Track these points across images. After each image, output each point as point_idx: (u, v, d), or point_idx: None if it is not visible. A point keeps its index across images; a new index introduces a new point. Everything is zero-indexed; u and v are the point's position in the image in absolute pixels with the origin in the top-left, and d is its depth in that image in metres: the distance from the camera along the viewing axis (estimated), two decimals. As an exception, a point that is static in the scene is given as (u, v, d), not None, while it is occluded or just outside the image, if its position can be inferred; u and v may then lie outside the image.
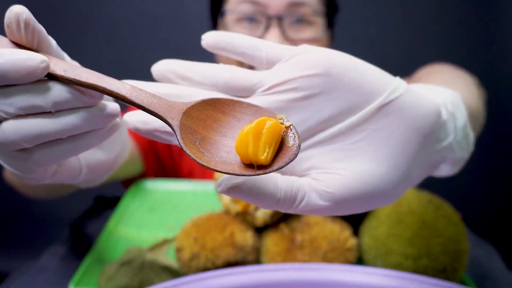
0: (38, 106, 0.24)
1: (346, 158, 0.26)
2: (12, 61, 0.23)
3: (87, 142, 0.26)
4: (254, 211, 0.43)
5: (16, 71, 0.23)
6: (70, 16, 1.28)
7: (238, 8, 0.65)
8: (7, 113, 0.24)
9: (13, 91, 0.24)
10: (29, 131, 0.24)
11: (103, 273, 0.42)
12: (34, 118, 0.24)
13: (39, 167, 0.26)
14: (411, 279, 0.32)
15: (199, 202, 0.64)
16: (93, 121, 0.25)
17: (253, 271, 0.34)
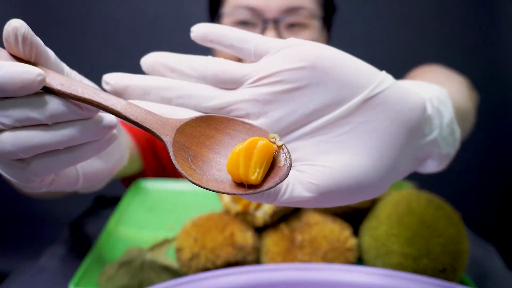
0: (35, 119, 0.24)
1: (331, 151, 0.26)
2: (9, 73, 0.23)
3: (84, 153, 0.26)
4: (254, 211, 0.43)
5: (13, 84, 0.23)
6: (70, 16, 1.28)
7: (235, 13, 0.65)
8: (4, 124, 0.24)
9: (10, 103, 0.24)
10: (26, 143, 0.24)
11: (103, 273, 0.42)
12: (31, 130, 0.24)
13: (36, 177, 0.27)
14: (411, 279, 0.32)
15: (199, 202, 0.64)
16: (89, 133, 0.25)
17: (253, 271, 0.34)
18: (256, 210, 0.43)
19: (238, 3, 0.65)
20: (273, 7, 0.63)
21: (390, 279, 0.33)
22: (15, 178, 0.27)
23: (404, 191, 0.43)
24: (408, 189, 0.44)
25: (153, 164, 0.77)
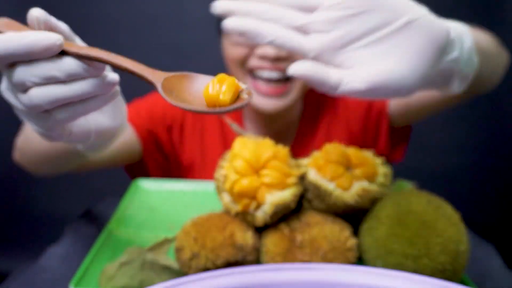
0: (56, 77, 0.31)
1: (380, 59, 0.37)
2: (34, 40, 0.30)
3: (94, 104, 0.34)
4: (254, 211, 0.43)
5: (38, 47, 0.30)
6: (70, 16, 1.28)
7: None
8: (32, 82, 0.32)
9: (36, 64, 0.31)
10: (50, 96, 0.32)
11: (103, 273, 0.42)
12: (53, 86, 0.32)
13: (58, 125, 0.35)
14: (411, 279, 0.32)
15: (199, 202, 0.64)
16: (98, 88, 0.32)
17: (253, 271, 0.34)
18: (256, 210, 0.43)
19: None
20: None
21: (390, 279, 0.33)
22: (42, 127, 0.35)
23: (404, 191, 0.43)
24: (408, 189, 0.44)
25: (154, 156, 0.79)
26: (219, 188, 0.46)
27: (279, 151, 0.44)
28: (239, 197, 0.43)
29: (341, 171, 0.43)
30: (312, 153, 0.47)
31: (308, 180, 0.44)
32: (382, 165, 0.46)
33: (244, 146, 0.45)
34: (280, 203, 0.42)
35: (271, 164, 0.43)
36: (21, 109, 0.36)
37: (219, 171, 0.46)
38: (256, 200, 0.42)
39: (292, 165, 0.45)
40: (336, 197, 0.42)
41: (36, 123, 0.36)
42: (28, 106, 0.33)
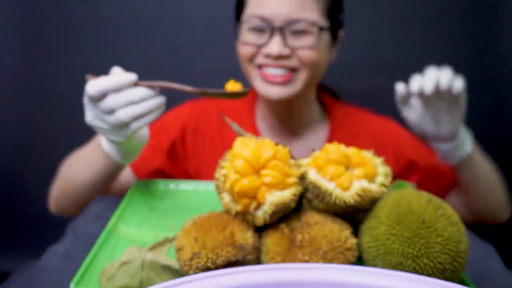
0: (133, 100, 0.54)
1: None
2: (122, 78, 0.53)
3: (155, 115, 0.56)
4: (254, 211, 0.43)
5: (125, 82, 0.53)
6: (70, 16, 1.28)
7: (250, 20, 0.78)
8: (119, 106, 0.53)
9: (122, 93, 0.53)
10: (130, 114, 0.54)
11: (103, 272, 0.42)
12: (132, 106, 0.54)
13: (132, 132, 0.56)
14: (411, 279, 0.33)
15: (199, 202, 0.64)
16: (157, 104, 0.55)
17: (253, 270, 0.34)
18: (256, 210, 0.43)
19: (252, 12, 0.78)
20: (279, 18, 0.75)
21: (389, 278, 0.33)
22: (121, 137, 0.57)
23: (404, 191, 0.44)
24: (408, 189, 0.44)
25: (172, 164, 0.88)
26: (219, 188, 0.46)
27: (279, 151, 0.44)
28: (239, 197, 0.43)
29: (341, 171, 0.43)
30: (312, 153, 0.47)
31: (308, 180, 0.44)
32: (382, 165, 0.46)
33: (244, 146, 0.45)
34: (280, 203, 0.42)
35: (271, 164, 0.43)
36: (106, 128, 0.56)
37: (219, 171, 0.46)
38: (256, 200, 0.42)
39: (292, 165, 0.45)
40: (336, 197, 0.42)
41: (117, 135, 0.57)
42: (115, 124, 0.54)
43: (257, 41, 0.78)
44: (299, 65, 0.79)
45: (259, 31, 0.78)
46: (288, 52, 0.77)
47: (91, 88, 0.54)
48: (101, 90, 0.53)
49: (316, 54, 0.79)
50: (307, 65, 0.79)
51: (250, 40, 0.79)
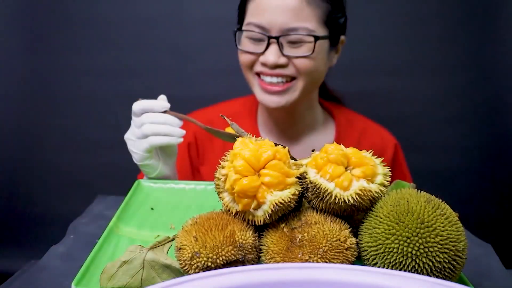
0: (159, 121, 0.66)
1: None
2: (159, 103, 0.67)
3: (171, 140, 0.66)
4: (254, 211, 0.43)
5: (157, 106, 0.66)
6: (70, 16, 1.28)
7: (248, 29, 0.80)
8: (147, 121, 0.66)
9: (154, 114, 0.66)
10: (151, 129, 0.65)
11: (104, 272, 0.42)
12: (156, 125, 0.66)
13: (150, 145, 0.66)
14: (410, 278, 0.33)
15: (199, 202, 0.64)
16: (176, 132, 0.66)
17: (253, 270, 0.34)
18: (256, 210, 0.43)
19: (251, 21, 0.79)
20: (276, 27, 0.76)
21: (389, 278, 0.33)
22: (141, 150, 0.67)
23: (403, 191, 0.44)
24: (407, 189, 0.44)
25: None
26: (219, 187, 0.46)
27: (279, 151, 0.45)
28: (239, 197, 0.43)
29: (340, 171, 0.43)
30: (312, 153, 0.48)
31: (308, 179, 0.44)
32: (381, 165, 0.46)
33: (244, 146, 0.45)
34: (280, 203, 0.42)
35: (271, 164, 0.43)
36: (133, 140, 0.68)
37: (219, 171, 0.46)
38: (256, 200, 0.43)
39: (291, 165, 0.45)
40: (336, 197, 0.42)
41: (138, 147, 0.68)
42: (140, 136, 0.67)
43: (255, 50, 0.80)
44: (296, 73, 0.80)
45: (257, 40, 0.79)
46: (285, 61, 0.78)
47: (135, 106, 0.68)
48: (141, 109, 0.67)
49: (312, 63, 0.79)
50: (303, 74, 0.80)
51: (249, 48, 0.81)
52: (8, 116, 1.35)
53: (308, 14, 0.77)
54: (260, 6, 0.78)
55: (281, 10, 0.76)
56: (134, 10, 1.28)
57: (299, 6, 0.76)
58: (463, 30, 1.27)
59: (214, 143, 0.92)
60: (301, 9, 0.76)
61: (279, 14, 0.76)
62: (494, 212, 1.36)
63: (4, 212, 1.39)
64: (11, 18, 1.28)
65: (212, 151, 0.92)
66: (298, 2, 0.76)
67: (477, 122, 1.32)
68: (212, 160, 0.92)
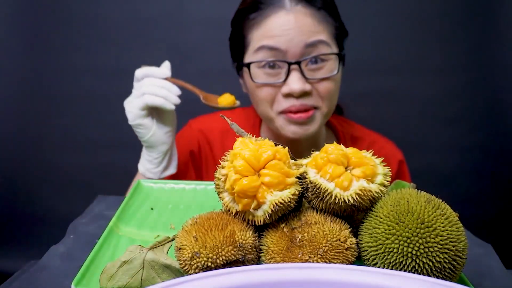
0: (158, 85, 0.71)
1: None
2: (163, 71, 0.73)
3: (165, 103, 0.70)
4: (254, 211, 0.43)
5: (161, 73, 0.73)
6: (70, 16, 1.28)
7: (258, 56, 0.75)
8: (146, 83, 0.71)
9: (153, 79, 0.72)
10: (148, 89, 0.70)
11: (104, 272, 0.42)
12: (153, 86, 0.71)
13: (144, 104, 0.70)
14: (410, 278, 0.33)
15: (199, 201, 0.64)
16: (171, 97, 0.71)
17: (253, 270, 0.34)
18: (256, 210, 0.43)
19: (266, 44, 0.74)
20: (292, 49, 0.73)
21: (389, 278, 0.33)
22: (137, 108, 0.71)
23: (403, 191, 0.44)
24: (407, 189, 0.44)
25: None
26: (219, 187, 0.46)
27: (279, 151, 0.45)
28: (239, 197, 0.43)
29: (340, 171, 0.43)
30: (312, 153, 0.48)
31: (308, 179, 0.44)
32: (381, 165, 0.46)
33: (244, 146, 0.45)
34: (280, 203, 0.42)
35: (271, 164, 0.43)
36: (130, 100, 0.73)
37: (219, 171, 0.46)
38: (256, 200, 0.43)
39: (291, 165, 0.45)
40: (336, 197, 0.42)
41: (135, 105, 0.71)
42: (137, 94, 0.70)
43: (274, 81, 0.75)
44: (318, 102, 0.76)
45: (271, 68, 0.75)
46: (310, 88, 0.74)
47: (137, 71, 0.71)
48: (143, 73, 0.71)
49: (333, 86, 0.76)
50: (326, 100, 0.76)
51: (263, 79, 0.75)
52: (8, 116, 1.35)
53: (322, 29, 0.75)
54: (271, 30, 0.74)
55: (295, 33, 0.73)
56: (134, 10, 1.28)
57: (312, 23, 0.74)
58: (463, 30, 1.27)
59: (214, 149, 0.91)
60: (315, 25, 0.74)
61: (295, 33, 0.73)
62: (494, 212, 1.36)
63: (4, 212, 1.39)
64: (11, 18, 1.28)
65: (212, 157, 0.91)
66: (310, 20, 0.74)
67: (477, 122, 1.32)
68: (213, 168, 0.91)
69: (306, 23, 0.74)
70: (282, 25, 0.73)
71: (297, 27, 0.73)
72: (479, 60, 1.29)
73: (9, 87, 1.33)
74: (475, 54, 1.29)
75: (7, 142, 1.35)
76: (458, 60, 1.29)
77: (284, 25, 0.73)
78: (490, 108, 1.32)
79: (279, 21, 0.74)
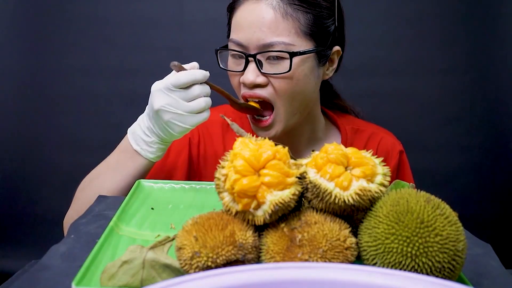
0: (209, 93, 0.70)
1: None
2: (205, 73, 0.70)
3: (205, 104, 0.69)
4: (254, 210, 0.43)
5: (203, 76, 0.69)
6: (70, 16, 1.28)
7: (229, 47, 0.79)
8: (203, 94, 0.69)
9: (204, 85, 0.70)
10: (207, 102, 0.70)
11: (104, 271, 0.43)
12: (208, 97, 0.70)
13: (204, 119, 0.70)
14: (409, 278, 0.33)
15: (199, 201, 0.64)
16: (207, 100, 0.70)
17: (253, 269, 0.34)
18: (256, 209, 0.43)
19: (232, 38, 0.78)
20: (253, 44, 0.75)
21: (388, 277, 0.33)
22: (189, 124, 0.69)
23: (403, 191, 0.44)
24: (407, 189, 0.45)
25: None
26: (219, 187, 0.46)
27: (279, 151, 0.45)
28: (239, 197, 0.43)
29: (340, 171, 0.43)
30: (312, 153, 0.48)
31: (308, 179, 0.44)
32: (381, 165, 0.46)
33: (244, 146, 0.45)
34: (280, 203, 0.42)
35: (271, 163, 0.43)
36: (180, 113, 0.67)
37: (219, 171, 0.46)
38: (256, 200, 0.43)
39: (291, 165, 0.45)
40: (336, 197, 0.42)
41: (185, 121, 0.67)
42: (195, 109, 0.67)
43: (237, 69, 0.78)
44: (273, 96, 0.76)
45: (237, 58, 0.78)
46: (263, 80, 0.75)
47: (183, 77, 0.65)
48: (191, 80, 0.66)
49: (291, 84, 0.75)
50: (283, 97, 0.76)
51: (231, 67, 0.80)
52: (8, 116, 1.35)
53: (284, 27, 0.73)
54: (238, 23, 0.77)
55: (256, 26, 0.73)
56: (134, 11, 1.28)
57: (274, 20, 0.73)
58: (463, 30, 1.27)
59: (215, 143, 0.91)
60: (277, 23, 0.73)
61: (255, 30, 0.73)
62: (493, 212, 1.36)
63: (4, 212, 1.39)
64: (11, 18, 1.28)
65: (213, 150, 0.91)
66: (273, 16, 0.73)
67: (477, 122, 1.32)
68: (213, 161, 0.91)
69: (267, 17, 0.73)
70: (247, 17, 0.75)
71: (259, 21, 0.74)
72: (479, 61, 1.29)
73: (9, 87, 1.33)
74: (475, 55, 1.29)
75: (7, 142, 1.36)
76: (458, 60, 1.29)
77: (249, 16, 0.75)
78: (490, 108, 1.32)
79: (246, 12, 0.76)
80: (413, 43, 1.28)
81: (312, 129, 0.89)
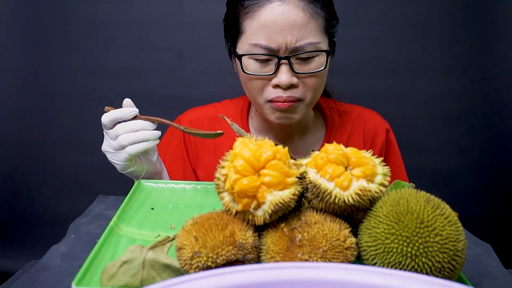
0: (134, 129, 0.67)
1: None
2: (125, 111, 0.68)
3: (150, 144, 0.68)
4: (254, 210, 0.43)
5: (127, 113, 0.68)
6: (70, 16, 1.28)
7: (251, 50, 0.76)
8: (122, 131, 0.67)
9: (124, 123, 0.68)
10: (129, 140, 0.67)
11: (104, 271, 0.43)
12: (131, 133, 0.67)
13: (129, 155, 0.67)
14: (409, 278, 0.33)
15: (199, 201, 0.64)
16: (152, 136, 0.68)
17: (253, 269, 0.34)
18: (256, 209, 0.43)
19: (259, 43, 0.75)
20: (284, 47, 0.74)
21: (388, 277, 0.33)
22: (121, 160, 0.68)
23: (403, 191, 0.44)
24: (407, 189, 0.45)
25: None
26: (219, 187, 0.46)
27: (279, 151, 0.45)
28: (239, 197, 0.43)
29: (340, 171, 0.43)
30: (312, 153, 0.48)
31: (308, 179, 0.44)
32: (381, 165, 0.46)
33: (244, 146, 0.45)
34: (280, 203, 0.42)
35: (271, 163, 0.43)
36: (111, 152, 0.68)
37: (219, 171, 0.46)
38: (256, 200, 0.43)
39: (291, 165, 0.45)
40: (336, 197, 0.43)
41: (117, 157, 0.68)
42: (117, 147, 0.67)
43: (265, 72, 0.77)
44: (304, 94, 0.78)
45: (264, 61, 0.76)
46: (297, 81, 0.76)
47: (104, 118, 0.67)
48: (111, 120, 0.67)
49: (320, 80, 0.78)
50: (310, 92, 0.79)
51: (256, 71, 0.77)
52: (9, 116, 1.35)
53: (312, 27, 0.75)
54: (265, 27, 0.74)
55: (288, 29, 0.73)
56: (134, 11, 1.28)
57: (304, 22, 0.73)
58: (463, 30, 1.27)
59: (205, 142, 0.93)
60: (306, 24, 0.74)
61: (287, 34, 0.73)
62: (493, 212, 1.36)
63: (4, 212, 1.39)
64: (11, 18, 1.28)
65: (206, 151, 0.92)
66: (303, 17, 0.73)
67: (477, 122, 1.32)
68: (205, 160, 0.92)
69: (298, 19, 0.73)
70: (276, 20, 0.73)
71: (290, 24, 0.73)
72: (479, 60, 1.29)
73: (10, 87, 1.33)
74: (475, 54, 1.29)
75: (7, 142, 1.36)
76: (458, 60, 1.29)
77: (278, 20, 0.73)
78: (490, 108, 1.32)
79: (271, 14, 0.73)
80: (413, 43, 1.28)
81: (305, 119, 0.92)
